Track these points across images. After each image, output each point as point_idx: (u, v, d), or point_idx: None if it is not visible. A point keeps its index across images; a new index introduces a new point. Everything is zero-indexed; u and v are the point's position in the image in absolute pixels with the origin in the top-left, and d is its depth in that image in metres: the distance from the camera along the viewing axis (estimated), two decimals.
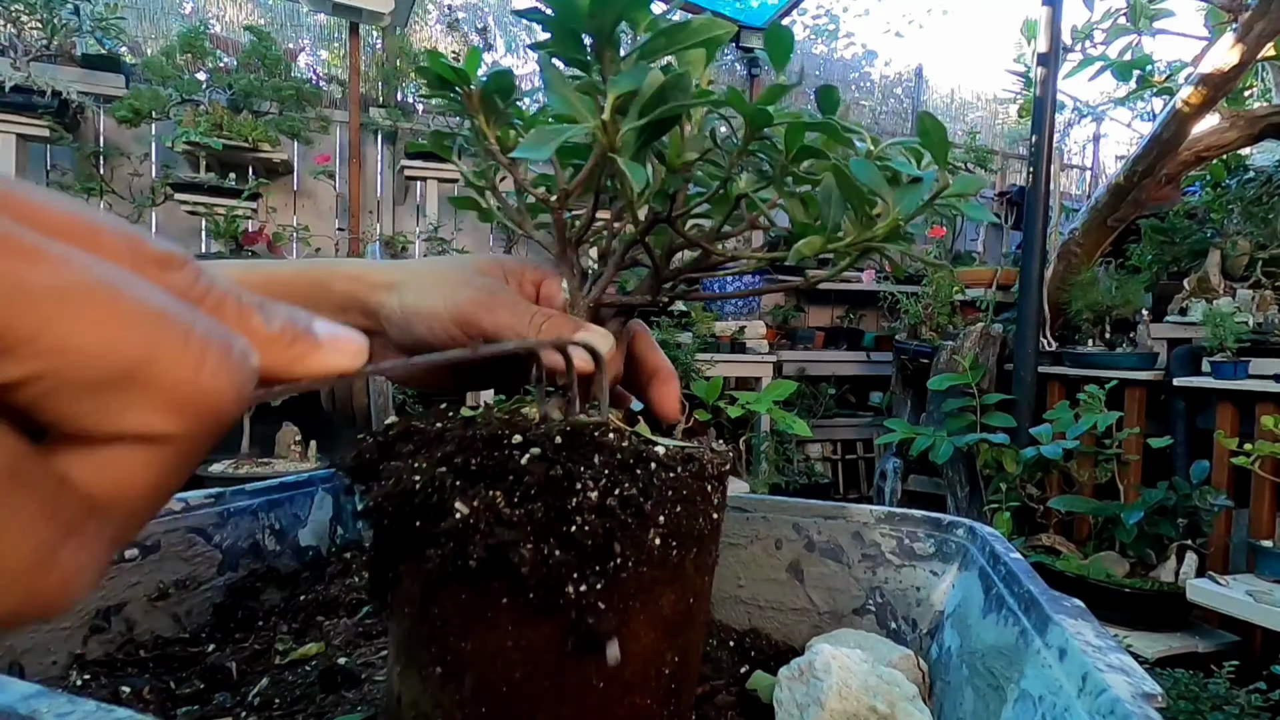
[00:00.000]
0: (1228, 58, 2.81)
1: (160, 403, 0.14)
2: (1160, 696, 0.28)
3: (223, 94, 3.37)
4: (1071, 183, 5.97)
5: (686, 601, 0.36)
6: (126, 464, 0.14)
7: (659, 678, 0.35)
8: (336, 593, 0.58)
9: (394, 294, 0.44)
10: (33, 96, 3.01)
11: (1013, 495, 2.75)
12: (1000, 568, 0.45)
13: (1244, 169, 3.31)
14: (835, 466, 4.51)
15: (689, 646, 0.37)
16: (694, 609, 0.37)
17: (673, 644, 0.35)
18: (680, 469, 0.34)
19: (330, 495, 0.70)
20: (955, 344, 3.37)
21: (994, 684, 0.40)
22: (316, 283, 0.45)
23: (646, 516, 0.32)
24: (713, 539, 0.38)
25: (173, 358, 0.14)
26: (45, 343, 0.13)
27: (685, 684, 0.38)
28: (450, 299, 0.42)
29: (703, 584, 0.38)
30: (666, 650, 0.35)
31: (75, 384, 0.13)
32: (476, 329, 0.41)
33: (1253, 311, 2.78)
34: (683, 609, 0.35)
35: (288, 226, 3.76)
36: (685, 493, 0.34)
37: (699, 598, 0.38)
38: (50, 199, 0.15)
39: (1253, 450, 2.14)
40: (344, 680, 0.44)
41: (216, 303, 0.16)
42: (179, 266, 0.16)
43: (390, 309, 0.43)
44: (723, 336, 3.63)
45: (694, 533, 0.34)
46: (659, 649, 0.35)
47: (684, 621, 0.36)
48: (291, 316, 0.18)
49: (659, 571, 0.33)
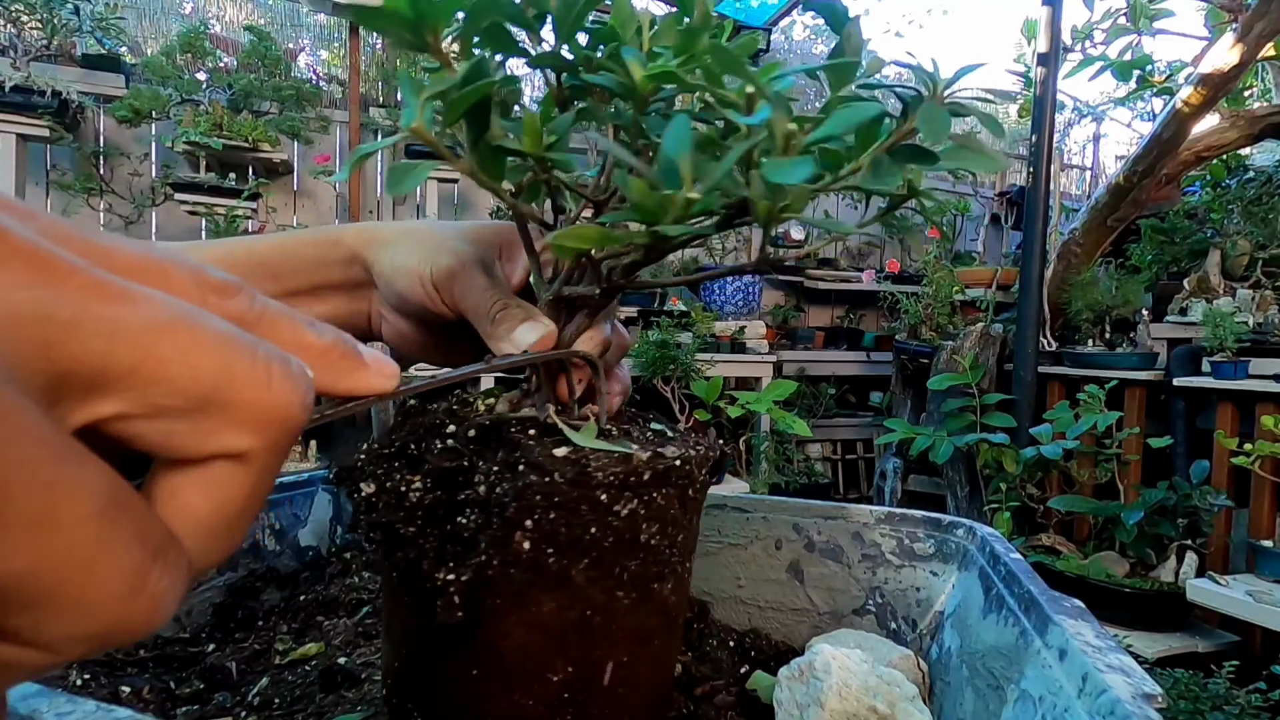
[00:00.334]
0: (1228, 58, 2.81)
1: (239, 419, 0.16)
2: (1160, 697, 0.28)
3: (223, 94, 3.37)
4: (1071, 183, 5.97)
5: (580, 614, 0.34)
6: (213, 483, 0.16)
7: (545, 683, 0.34)
8: (336, 593, 0.58)
9: (388, 250, 0.45)
10: (33, 96, 3.01)
11: (1013, 495, 2.75)
12: (1000, 568, 0.45)
13: (1244, 169, 3.31)
14: (835, 466, 4.51)
15: (594, 662, 0.35)
16: (594, 624, 0.35)
17: (563, 654, 0.34)
18: (558, 475, 0.32)
19: (330, 495, 0.70)
20: (955, 344, 3.38)
21: (994, 684, 0.40)
22: (329, 241, 0.47)
23: (510, 519, 0.32)
24: (626, 554, 0.34)
25: (245, 378, 0.15)
26: (141, 375, 0.14)
27: (593, 701, 0.35)
28: (428, 262, 0.42)
29: (609, 601, 0.35)
30: (554, 658, 0.34)
31: (167, 410, 0.15)
32: (446, 298, 0.42)
33: (1253, 311, 2.78)
34: (573, 620, 0.34)
35: (288, 226, 3.76)
36: (559, 499, 0.32)
37: (605, 614, 0.35)
38: (120, 243, 0.16)
39: (1253, 450, 2.14)
40: (344, 680, 0.44)
41: (272, 322, 0.18)
42: (236, 293, 0.17)
43: (381, 264, 0.45)
44: (723, 336, 3.63)
45: (580, 543, 0.33)
46: (541, 654, 0.34)
47: (577, 634, 0.34)
48: (339, 335, 0.20)
49: (531, 575, 0.33)
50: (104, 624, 0.14)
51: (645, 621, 0.37)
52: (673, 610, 0.39)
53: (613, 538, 0.33)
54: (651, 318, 3.64)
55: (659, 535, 0.35)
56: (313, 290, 0.46)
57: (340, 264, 0.46)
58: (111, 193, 3.47)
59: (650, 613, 0.37)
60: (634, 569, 0.35)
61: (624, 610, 0.35)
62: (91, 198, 3.42)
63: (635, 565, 0.35)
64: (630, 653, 0.36)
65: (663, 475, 0.34)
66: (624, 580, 0.35)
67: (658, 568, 0.36)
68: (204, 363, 0.15)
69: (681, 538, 0.38)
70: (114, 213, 3.48)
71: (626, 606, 0.35)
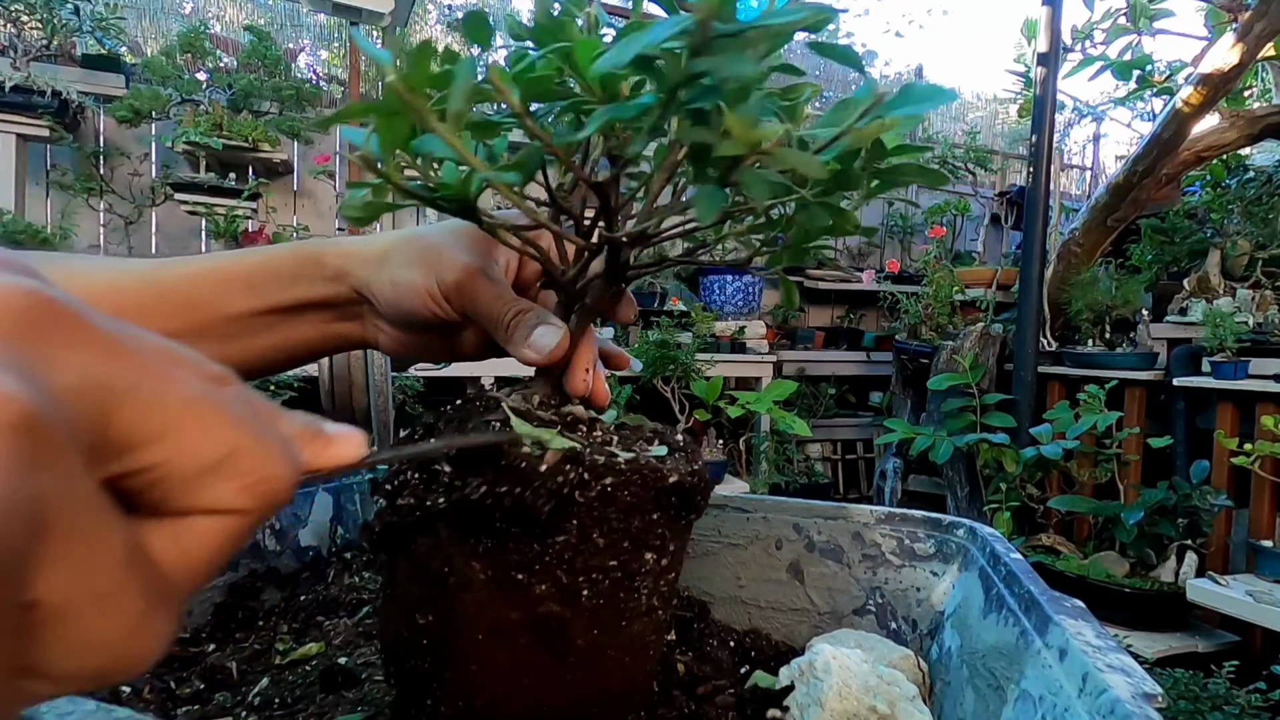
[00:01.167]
0: (1228, 58, 2.81)
1: (240, 486, 0.18)
2: (1160, 696, 0.28)
3: (223, 94, 3.37)
4: (1071, 183, 5.97)
5: (538, 617, 0.35)
6: (204, 534, 0.18)
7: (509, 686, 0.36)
8: (336, 593, 0.58)
9: (383, 269, 0.44)
10: (33, 96, 3.01)
11: (1013, 495, 2.75)
12: (1000, 568, 0.45)
13: (1244, 169, 3.30)
14: (835, 466, 4.51)
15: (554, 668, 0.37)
16: (554, 628, 0.36)
17: (520, 659, 0.36)
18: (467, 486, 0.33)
19: (330, 495, 0.70)
20: (955, 344, 3.37)
21: (994, 684, 0.40)
22: (310, 259, 0.46)
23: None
24: (572, 559, 0.35)
25: (252, 452, 0.18)
26: (171, 439, 0.17)
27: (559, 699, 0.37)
28: (432, 277, 0.42)
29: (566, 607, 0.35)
30: (512, 663, 0.36)
31: (185, 470, 0.17)
32: (458, 309, 0.42)
33: (1253, 311, 2.78)
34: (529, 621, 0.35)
35: (288, 226, 3.76)
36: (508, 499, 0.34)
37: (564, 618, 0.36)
38: (142, 336, 0.18)
39: (1253, 450, 2.14)
40: (344, 680, 0.44)
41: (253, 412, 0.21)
42: (229, 381, 0.20)
43: (380, 284, 0.44)
44: (723, 336, 3.62)
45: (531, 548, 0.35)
46: (502, 658, 0.36)
47: (536, 636, 0.36)
48: (307, 420, 0.23)
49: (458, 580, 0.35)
50: (110, 661, 0.16)
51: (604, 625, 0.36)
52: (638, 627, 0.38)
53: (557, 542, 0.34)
54: (651, 318, 3.64)
55: (612, 549, 0.35)
56: (296, 308, 0.46)
57: (324, 281, 0.46)
58: (111, 193, 3.47)
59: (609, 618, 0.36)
60: (582, 578, 0.35)
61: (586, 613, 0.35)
62: (91, 198, 3.42)
63: (582, 575, 0.35)
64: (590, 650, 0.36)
65: (607, 479, 0.34)
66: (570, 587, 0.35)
67: (612, 587, 0.36)
68: (222, 436, 0.18)
69: (650, 559, 0.37)
70: (114, 213, 3.48)
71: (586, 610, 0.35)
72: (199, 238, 3.68)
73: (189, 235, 3.69)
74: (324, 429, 0.23)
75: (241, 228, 3.39)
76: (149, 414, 0.16)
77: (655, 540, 0.37)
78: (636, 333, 3.55)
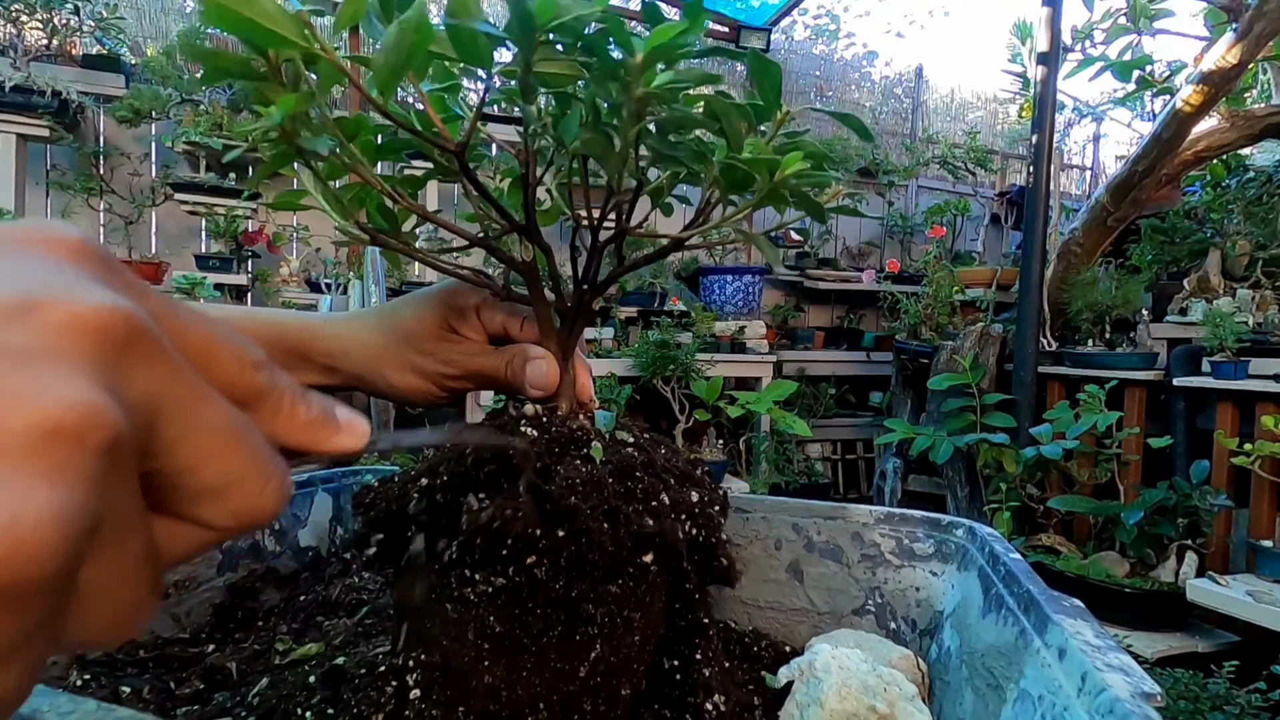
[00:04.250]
0: (1228, 58, 2.81)
1: (231, 511, 0.20)
2: (1160, 696, 0.28)
3: (223, 94, 3.37)
4: (1071, 183, 5.97)
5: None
6: (186, 537, 0.21)
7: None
8: (336, 593, 0.58)
9: (376, 368, 0.48)
10: (33, 96, 3.01)
11: (1013, 495, 2.75)
12: (1000, 568, 0.45)
13: (1244, 169, 3.30)
14: (835, 466, 4.51)
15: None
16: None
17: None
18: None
19: (330, 495, 0.70)
20: (955, 344, 3.37)
21: (993, 684, 0.40)
22: (295, 351, 0.49)
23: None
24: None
25: (250, 485, 0.20)
26: (195, 458, 0.19)
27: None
28: (430, 380, 0.48)
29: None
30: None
31: (196, 486, 0.19)
32: (460, 388, 0.48)
33: (1253, 311, 2.78)
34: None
35: (288, 227, 3.76)
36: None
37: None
38: (194, 320, 0.21)
39: (1253, 450, 2.14)
40: (344, 680, 0.44)
41: (279, 395, 0.23)
42: (262, 367, 0.22)
43: (375, 384, 0.49)
44: (723, 336, 3.62)
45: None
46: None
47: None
48: (324, 405, 0.25)
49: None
50: (114, 633, 0.19)
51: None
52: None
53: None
54: (652, 318, 3.64)
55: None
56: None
57: (317, 371, 0.49)
58: (111, 193, 3.47)
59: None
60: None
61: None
62: (91, 198, 3.42)
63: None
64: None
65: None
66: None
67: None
68: (233, 466, 0.20)
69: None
70: (114, 213, 3.48)
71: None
72: (199, 238, 3.68)
73: (189, 235, 3.69)
74: (335, 416, 0.25)
75: (241, 228, 3.39)
76: (185, 434, 0.19)
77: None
78: (637, 332, 3.55)
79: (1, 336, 0.15)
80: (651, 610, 0.40)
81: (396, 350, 0.48)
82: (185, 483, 0.19)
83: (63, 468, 0.14)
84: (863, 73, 5.74)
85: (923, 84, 5.66)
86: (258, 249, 3.55)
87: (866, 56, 5.94)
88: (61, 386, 0.15)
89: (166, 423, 0.18)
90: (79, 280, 0.17)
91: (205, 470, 0.19)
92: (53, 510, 0.14)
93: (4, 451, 0.14)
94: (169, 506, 0.20)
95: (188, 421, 0.18)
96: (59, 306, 0.16)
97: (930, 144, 5.09)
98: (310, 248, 3.74)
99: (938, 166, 5.07)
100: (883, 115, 5.59)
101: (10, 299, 0.16)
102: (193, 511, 0.20)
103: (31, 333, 0.15)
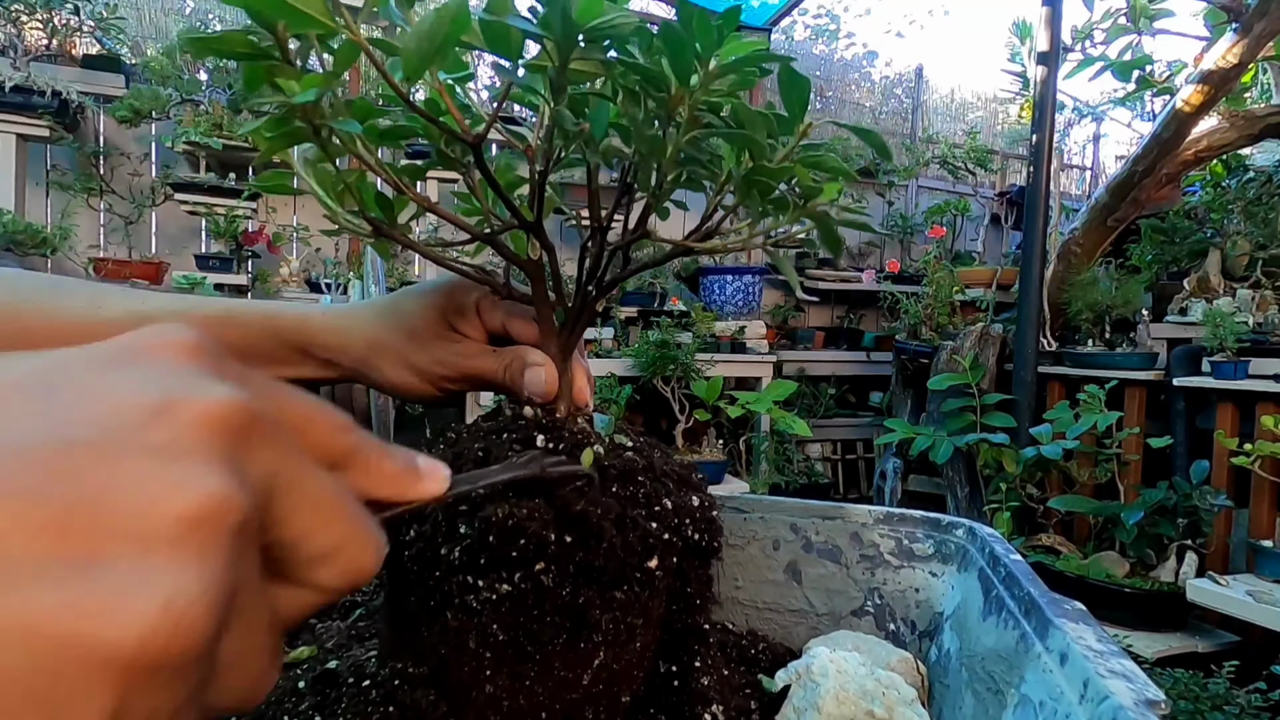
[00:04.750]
0: (1228, 58, 2.80)
1: (339, 572, 0.22)
2: (1164, 703, 0.28)
3: (223, 94, 3.37)
4: (1071, 183, 5.97)
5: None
6: (301, 600, 0.22)
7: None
8: None
9: (373, 361, 0.48)
10: (33, 96, 3.01)
11: (1013, 495, 2.75)
12: (1000, 569, 0.45)
13: (1244, 169, 3.29)
14: (835, 466, 4.51)
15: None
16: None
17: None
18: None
19: None
20: (955, 344, 3.37)
21: (994, 688, 0.40)
22: (290, 345, 0.49)
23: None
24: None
25: (353, 547, 0.22)
26: (306, 529, 0.21)
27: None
28: (429, 380, 0.47)
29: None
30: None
31: (308, 554, 0.21)
32: (457, 388, 0.48)
33: (1253, 311, 2.78)
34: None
35: (288, 226, 3.76)
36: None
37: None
38: (291, 395, 0.22)
39: (1253, 450, 2.14)
40: (336, 683, 0.44)
41: (366, 455, 0.24)
42: (352, 429, 0.24)
43: (374, 378, 0.49)
44: (723, 336, 3.62)
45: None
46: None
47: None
48: (406, 456, 0.26)
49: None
50: (241, 701, 0.19)
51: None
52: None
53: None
54: (651, 317, 3.64)
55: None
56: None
57: (315, 365, 0.49)
58: (111, 193, 3.47)
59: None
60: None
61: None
62: (91, 198, 3.42)
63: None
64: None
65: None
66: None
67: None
68: (339, 532, 0.21)
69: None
70: (114, 213, 3.48)
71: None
72: (199, 237, 3.68)
73: (189, 235, 3.69)
74: (417, 465, 0.26)
75: (241, 228, 3.38)
76: (296, 507, 0.20)
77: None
78: (636, 332, 3.54)
79: (147, 436, 0.17)
80: (653, 616, 0.39)
81: (395, 346, 0.47)
82: (298, 551, 0.21)
83: (205, 550, 0.16)
84: (863, 73, 5.74)
85: (923, 84, 5.65)
86: (258, 249, 3.54)
87: (866, 56, 5.94)
88: (200, 477, 0.17)
89: (281, 498, 0.20)
90: (199, 377, 0.19)
91: (315, 538, 0.21)
92: (201, 588, 0.16)
93: (158, 539, 0.16)
94: (283, 573, 0.21)
95: (298, 495, 0.20)
96: (188, 405, 0.18)
97: (930, 144, 5.09)
98: (310, 248, 3.74)
99: (938, 166, 5.07)
100: (883, 115, 5.59)
101: (149, 402, 0.17)
102: (306, 576, 0.21)
103: (169, 431, 0.17)
